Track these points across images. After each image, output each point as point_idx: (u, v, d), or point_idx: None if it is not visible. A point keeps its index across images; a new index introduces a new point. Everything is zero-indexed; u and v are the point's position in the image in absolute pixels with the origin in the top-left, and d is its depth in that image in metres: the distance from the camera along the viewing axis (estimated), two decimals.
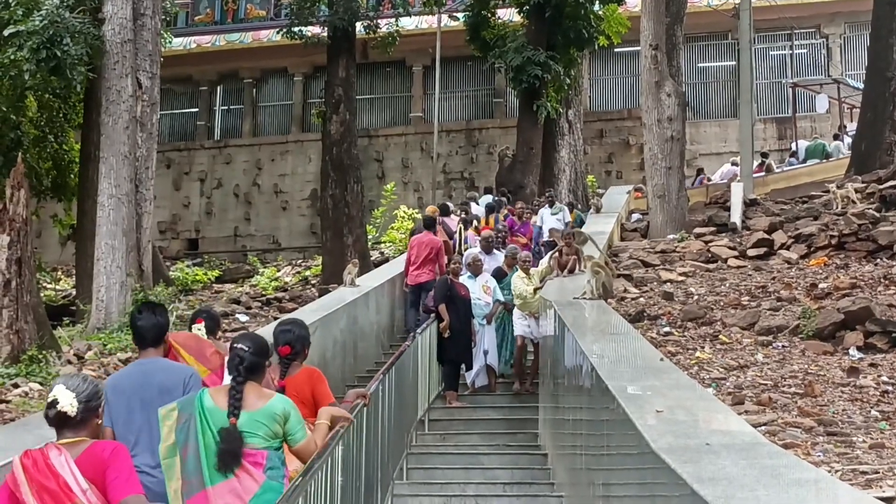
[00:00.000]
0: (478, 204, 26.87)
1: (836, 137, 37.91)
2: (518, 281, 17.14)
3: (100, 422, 5.88)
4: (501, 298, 17.78)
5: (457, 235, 22.64)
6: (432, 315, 17.20)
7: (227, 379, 7.10)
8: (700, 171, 39.23)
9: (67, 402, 5.54)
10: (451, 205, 27.45)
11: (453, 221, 23.71)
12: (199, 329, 8.94)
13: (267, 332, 10.19)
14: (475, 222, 23.96)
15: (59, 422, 5.55)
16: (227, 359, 7.19)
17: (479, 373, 17.61)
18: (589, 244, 18.16)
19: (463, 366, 17.30)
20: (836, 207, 24.21)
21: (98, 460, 5.45)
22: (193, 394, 6.82)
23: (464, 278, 17.76)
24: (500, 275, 18.38)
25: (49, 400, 5.59)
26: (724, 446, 5.41)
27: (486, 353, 17.46)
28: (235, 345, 6.94)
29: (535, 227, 23.98)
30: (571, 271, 17.18)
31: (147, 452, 6.81)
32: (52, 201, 33.93)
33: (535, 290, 16.87)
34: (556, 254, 17.83)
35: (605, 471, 8.20)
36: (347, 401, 9.12)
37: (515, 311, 17.35)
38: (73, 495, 5.32)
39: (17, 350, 15.63)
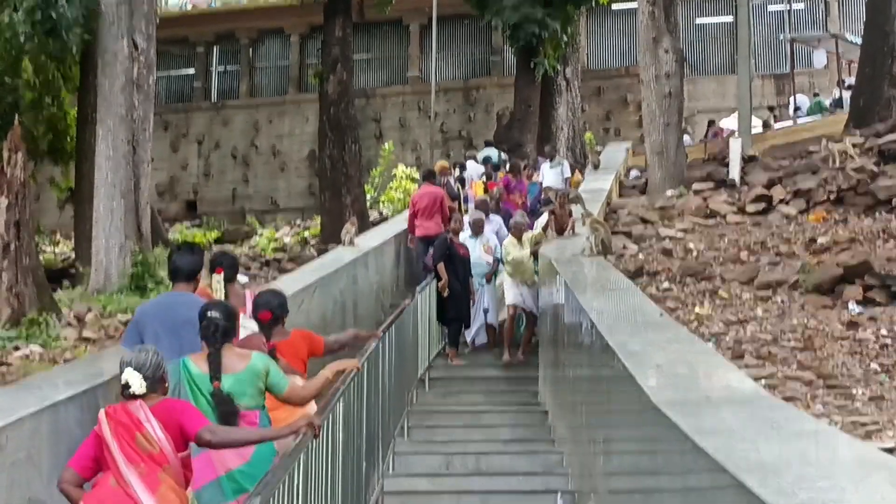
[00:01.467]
0: (476, 161, 26.83)
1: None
2: (511, 247, 16.88)
3: (167, 385, 6.78)
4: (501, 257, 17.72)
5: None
6: (432, 274, 17.22)
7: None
8: (711, 122, 38.75)
9: (137, 384, 6.49)
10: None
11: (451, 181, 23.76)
12: (219, 281, 9.29)
13: None
14: (472, 180, 24.03)
15: (133, 397, 6.51)
16: (203, 324, 7.64)
17: (479, 331, 17.64)
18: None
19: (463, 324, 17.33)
20: (835, 163, 24.20)
21: (171, 411, 6.53)
22: (176, 363, 7.41)
23: (465, 237, 17.75)
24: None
25: (122, 382, 6.53)
26: (725, 399, 5.43)
27: (486, 311, 17.47)
28: (207, 313, 7.58)
29: (531, 184, 23.72)
30: (566, 230, 16.99)
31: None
32: (49, 165, 33.85)
33: (533, 253, 16.65)
34: (552, 216, 17.63)
35: (605, 426, 8.23)
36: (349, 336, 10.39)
37: (507, 279, 17.06)
38: (143, 427, 6.38)
39: (17, 313, 15.64)
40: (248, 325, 8.89)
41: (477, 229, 17.84)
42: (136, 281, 19.43)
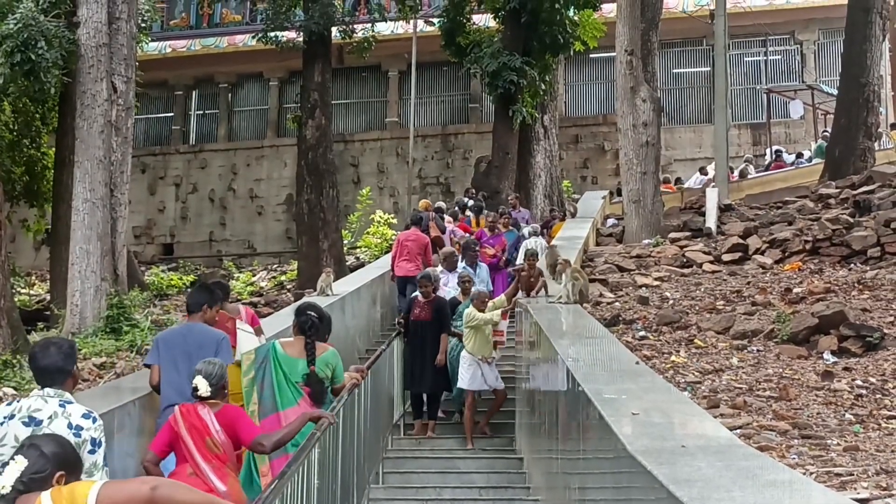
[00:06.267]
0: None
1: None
2: (475, 312, 15.31)
3: (226, 392, 8.26)
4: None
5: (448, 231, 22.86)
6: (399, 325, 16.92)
7: (244, 338, 10.47)
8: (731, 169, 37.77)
9: (204, 388, 7.98)
10: (444, 205, 27.47)
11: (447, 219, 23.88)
12: None
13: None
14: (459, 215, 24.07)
15: (200, 399, 7.98)
16: (296, 321, 9.77)
17: None
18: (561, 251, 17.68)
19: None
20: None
21: (229, 416, 7.99)
22: (268, 344, 9.70)
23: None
24: (454, 304, 16.60)
25: (192, 386, 8.02)
26: (700, 448, 5.43)
27: None
28: (307, 311, 9.70)
29: (508, 232, 23.09)
30: (536, 293, 16.51)
31: (181, 396, 8.73)
32: (24, 206, 33.76)
33: (505, 312, 15.81)
34: (519, 275, 17.23)
35: (580, 474, 8.22)
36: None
37: (464, 358, 15.38)
38: (210, 432, 7.86)
39: None
40: (244, 328, 10.78)
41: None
42: (112, 323, 19.33)
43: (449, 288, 17.47)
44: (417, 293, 16.40)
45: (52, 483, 4.84)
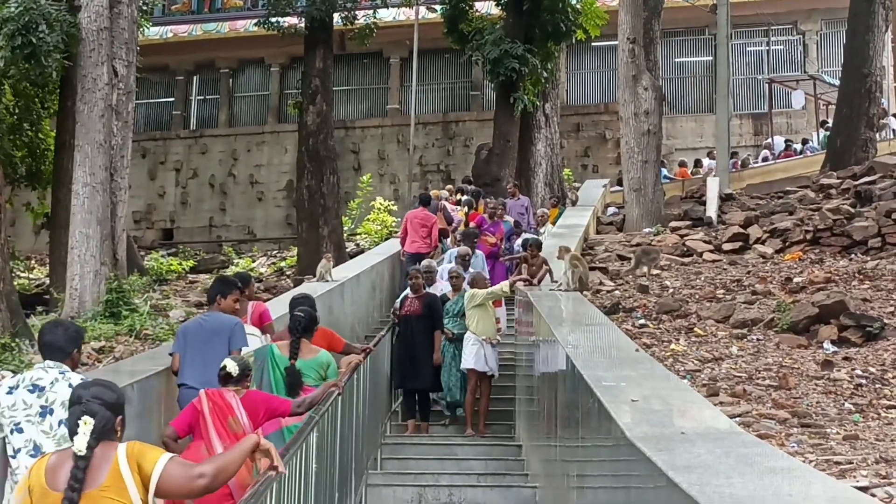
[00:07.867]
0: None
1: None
2: (478, 291, 15.28)
3: (249, 382, 8.80)
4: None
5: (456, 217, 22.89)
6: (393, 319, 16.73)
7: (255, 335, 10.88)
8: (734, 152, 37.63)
9: (233, 368, 8.55)
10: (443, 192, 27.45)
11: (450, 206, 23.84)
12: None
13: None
14: (466, 207, 23.97)
15: (226, 379, 8.53)
16: (289, 320, 10.55)
17: None
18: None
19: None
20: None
21: (254, 400, 8.57)
22: (266, 346, 10.30)
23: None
24: (442, 300, 16.12)
25: (220, 367, 8.60)
26: (699, 435, 5.41)
27: None
28: (294, 311, 10.47)
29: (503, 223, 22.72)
30: (540, 281, 16.45)
31: (196, 374, 9.61)
32: (26, 189, 33.76)
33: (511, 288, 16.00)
34: (521, 264, 17.22)
35: (579, 461, 8.20)
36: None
37: (469, 337, 15.23)
38: (234, 413, 8.33)
39: None
40: (251, 331, 10.90)
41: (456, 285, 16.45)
42: (111, 307, 19.36)
43: (445, 282, 17.27)
44: (406, 293, 16.15)
45: (115, 430, 5.32)
